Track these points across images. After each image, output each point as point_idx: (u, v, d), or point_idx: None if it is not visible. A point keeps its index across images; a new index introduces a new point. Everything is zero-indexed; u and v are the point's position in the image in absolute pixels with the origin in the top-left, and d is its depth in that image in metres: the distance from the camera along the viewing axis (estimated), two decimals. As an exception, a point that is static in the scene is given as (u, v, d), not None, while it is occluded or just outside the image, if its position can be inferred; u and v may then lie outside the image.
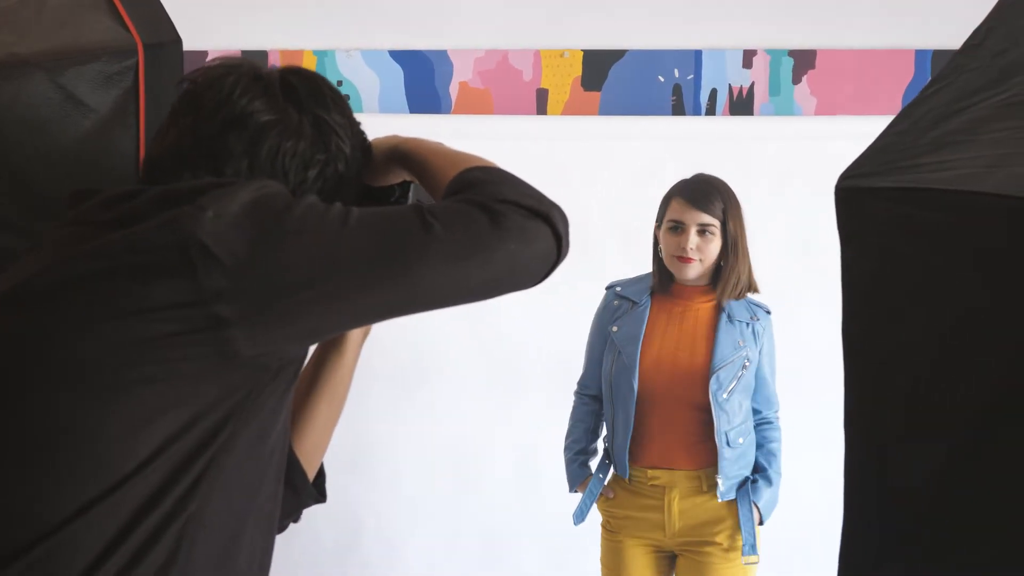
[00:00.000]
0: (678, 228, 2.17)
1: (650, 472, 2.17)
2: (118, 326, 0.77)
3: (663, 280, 2.25)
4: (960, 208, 0.88)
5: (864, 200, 0.95)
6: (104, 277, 0.78)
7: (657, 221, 2.27)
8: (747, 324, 2.17)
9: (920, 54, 3.03)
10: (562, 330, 3.00)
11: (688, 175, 3.09)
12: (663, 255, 2.22)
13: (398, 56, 3.14)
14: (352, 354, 1.09)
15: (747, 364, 2.15)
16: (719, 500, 2.13)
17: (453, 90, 3.13)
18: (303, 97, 0.93)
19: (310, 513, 3.56)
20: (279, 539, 3.51)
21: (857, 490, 0.97)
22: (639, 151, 3.01)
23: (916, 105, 0.99)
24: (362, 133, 1.00)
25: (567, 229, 0.89)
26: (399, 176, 1.04)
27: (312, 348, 1.03)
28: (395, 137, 1.03)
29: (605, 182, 2.99)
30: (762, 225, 3.05)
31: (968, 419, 0.88)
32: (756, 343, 2.17)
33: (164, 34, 1.29)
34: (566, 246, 0.89)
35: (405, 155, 1.00)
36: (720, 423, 2.12)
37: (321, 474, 1.12)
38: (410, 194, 1.05)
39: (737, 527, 2.13)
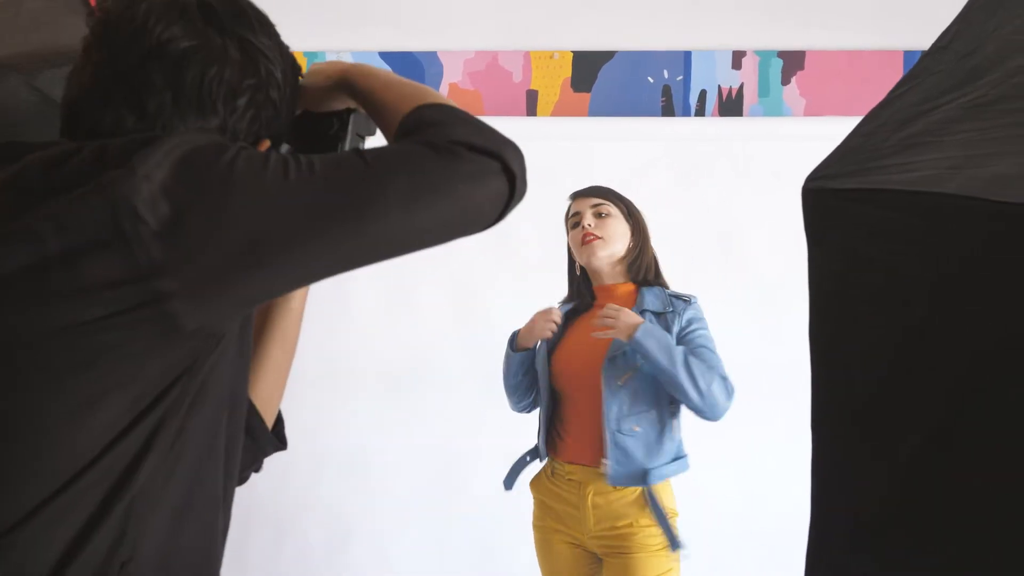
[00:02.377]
0: (576, 218, 2.26)
1: (568, 467, 2.21)
2: (54, 312, 0.73)
3: (583, 291, 2.30)
4: (923, 209, 0.88)
5: (830, 201, 0.95)
6: (37, 266, 0.73)
7: (568, 244, 2.33)
8: (658, 315, 2.17)
9: (909, 55, 3.03)
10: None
11: (678, 176, 3.11)
12: (576, 255, 2.28)
13: (388, 57, 3.14)
14: (299, 296, 1.06)
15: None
16: (608, 483, 2.10)
17: (443, 91, 3.13)
18: (224, 19, 0.86)
19: (300, 515, 3.56)
20: (269, 541, 3.52)
21: (824, 490, 0.97)
22: (629, 152, 3.02)
23: (883, 107, 0.99)
24: (292, 58, 0.93)
25: (522, 167, 0.84)
26: (342, 103, 0.99)
27: None
28: (340, 63, 0.98)
29: (595, 183, 2.99)
30: (751, 226, 3.06)
31: (932, 419, 0.88)
32: (670, 328, 2.14)
33: (140, 36, 1.29)
34: (522, 184, 0.85)
35: (353, 84, 0.95)
36: (609, 409, 2.10)
37: (279, 421, 1.08)
38: (350, 124, 1.00)
39: (653, 523, 2.11)
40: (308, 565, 3.04)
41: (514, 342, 2.28)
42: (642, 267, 2.23)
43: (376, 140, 1.01)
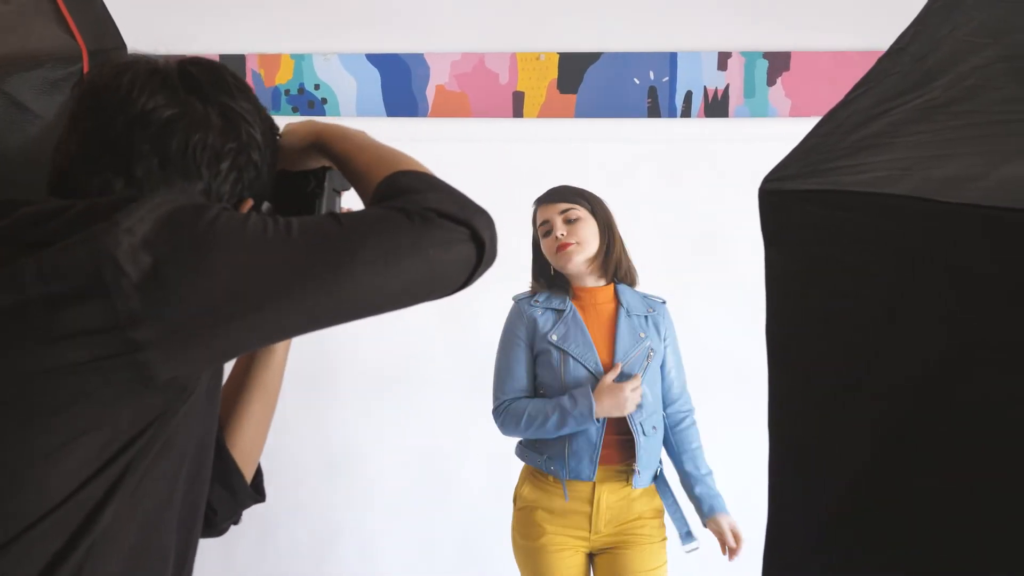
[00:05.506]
0: (547, 226, 2.24)
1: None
2: (31, 355, 0.75)
3: (558, 285, 2.28)
4: (875, 210, 0.88)
5: (785, 202, 0.95)
6: (17, 310, 0.76)
7: (533, 241, 2.31)
8: (645, 317, 2.24)
9: (894, 56, 3.04)
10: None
11: (664, 177, 3.11)
12: (552, 262, 2.25)
13: (375, 59, 3.15)
14: (283, 349, 1.08)
15: (651, 354, 2.21)
16: (634, 488, 2.17)
17: (430, 93, 3.14)
18: (205, 87, 0.90)
19: (287, 515, 3.55)
20: (256, 541, 3.52)
21: (780, 490, 0.97)
22: (615, 153, 3.02)
23: (840, 108, 1.00)
24: (270, 119, 0.97)
25: (492, 235, 0.89)
26: (317, 162, 1.02)
27: None
28: (315, 123, 1.01)
29: (581, 184, 3.00)
30: (737, 226, 3.06)
31: (887, 418, 0.89)
32: (659, 334, 2.25)
33: (109, 40, 1.29)
34: (490, 251, 0.90)
35: (328, 145, 0.99)
36: (633, 413, 2.15)
37: (259, 473, 1.11)
38: (326, 181, 1.03)
39: (661, 516, 2.22)
40: (295, 565, 3.05)
41: (590, 411, 2.12)
42: (612, 263, 2.24)
43: (350, 195, 1.04)
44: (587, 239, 2.21)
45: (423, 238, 0.84)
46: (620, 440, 2.19)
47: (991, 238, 0.79)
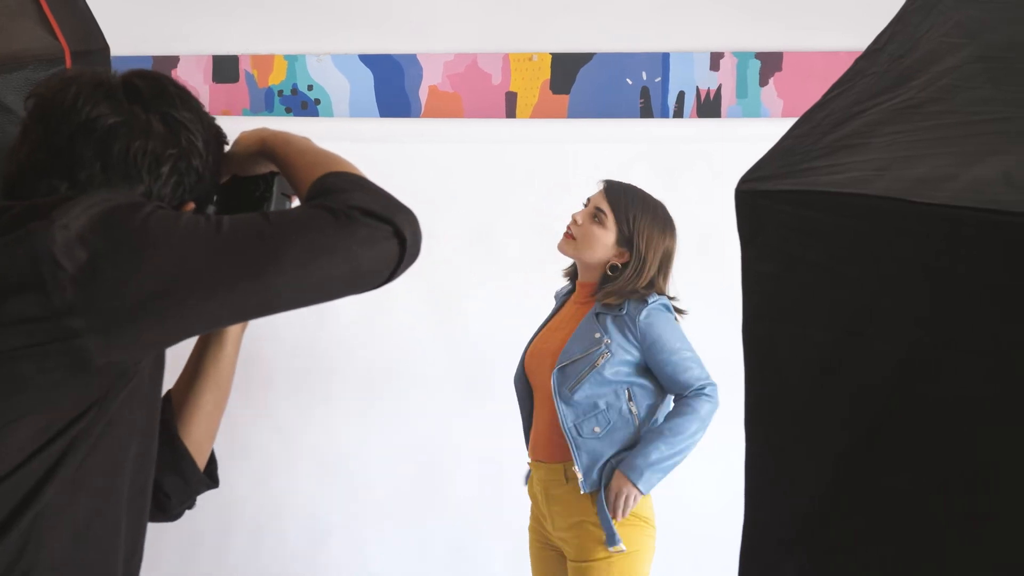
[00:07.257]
0: (585, 204, 2.25)
1: (534, 464, 2.23)
2: None
3: (572, 275, 2.32)
4: (850, 211, 0.89)
5: (761, 203, 0.96)
6: None
7: None
8: (613, 315, 2.10)
9: (886, 56, 3.04)
10: (530, 335, 3.00)
11: (656, 177, 3.10)
12: None
13: (368, 60, 3.15)
14: (232, 343, 1.12)
15: (605, 356, 2.07)
16: (582, 492, 2.06)
17: (423, 94, 3.14)
18: (148, 97, 0.95)
19: (279, 516, 3.54)
20: (248, 542, 3.52)
21: (756, 491, 0.98)
22: (607, 154, 3.02)
23: (817, 108, 1.00)
24: (215, 126, 1.02)
25: (414, 233, 0.93)
26: (266, 167, 1.08)
27: None
28: (264, 130, 1.06)
29: (574, 185, 3.00)
30: (730, 227, 3.06)
31: (860, 418, 0.89)
32: (625, 334, 2.08)
33: (92, 41, 1.30)
34: (412, 248, 0.94)
35: (272, 150, 1.04)
36: (564, 416, 2.09)
37: (212, 460, 1.15)
38: (275, 185, 1.08)
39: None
40: (287, 566, 3.05)
41: None
42: (612, 285, 2.12)
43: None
44: (586, 244, 2.16)
45: (347, 235, 0.88)
46: (554, 437, 2.13)
47: (962, 239, 0.79)
